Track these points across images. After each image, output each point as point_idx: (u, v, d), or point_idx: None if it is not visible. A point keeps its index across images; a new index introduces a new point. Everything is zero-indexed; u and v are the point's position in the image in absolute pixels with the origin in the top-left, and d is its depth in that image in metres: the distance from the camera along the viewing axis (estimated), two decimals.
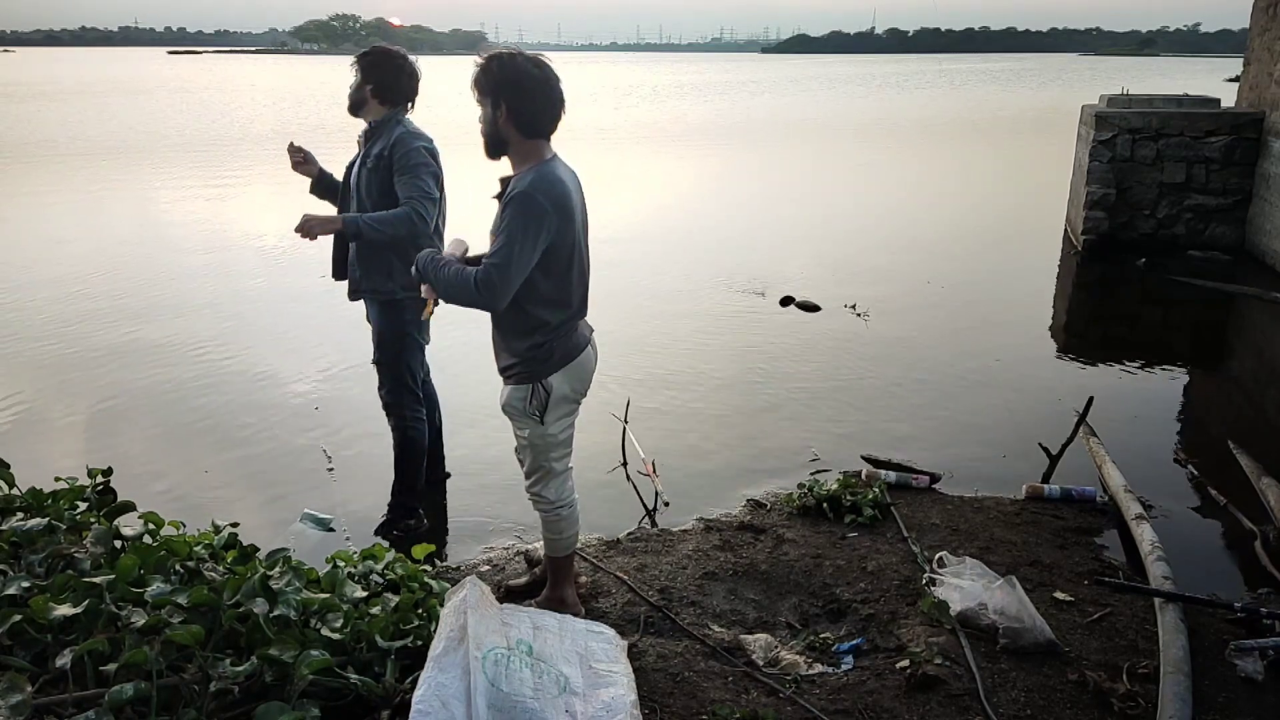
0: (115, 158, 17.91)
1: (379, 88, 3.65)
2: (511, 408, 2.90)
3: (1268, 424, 5.54)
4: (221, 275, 8.67)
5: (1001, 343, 6.98)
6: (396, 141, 3.59)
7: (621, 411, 4.93)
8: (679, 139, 23.37)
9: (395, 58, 3.67)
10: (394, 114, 3.69)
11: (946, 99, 41.36)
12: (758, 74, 75.09)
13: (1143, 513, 3.88)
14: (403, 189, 3.57)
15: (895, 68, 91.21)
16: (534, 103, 2.69)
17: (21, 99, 35.38)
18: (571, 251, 2.78)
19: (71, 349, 6.47)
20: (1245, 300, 7.95)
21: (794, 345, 6.79)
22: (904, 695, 2.75)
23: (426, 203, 3.56)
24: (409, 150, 3.58)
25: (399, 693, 2.29)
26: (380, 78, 3.64)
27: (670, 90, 48.60)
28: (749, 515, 4.08)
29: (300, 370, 6.03)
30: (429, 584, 2.89)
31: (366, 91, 3.65)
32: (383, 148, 3.61)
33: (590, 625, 2.75)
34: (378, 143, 3.64)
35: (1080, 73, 73.51)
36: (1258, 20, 10.14)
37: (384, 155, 3.60)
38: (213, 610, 2.25)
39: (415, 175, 3.56)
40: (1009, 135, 24.91)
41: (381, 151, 3.61)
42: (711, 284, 8.50)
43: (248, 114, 29.80)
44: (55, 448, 4.88)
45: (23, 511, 2.72)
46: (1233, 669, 2.91)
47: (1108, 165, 9.53)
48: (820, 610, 3.34)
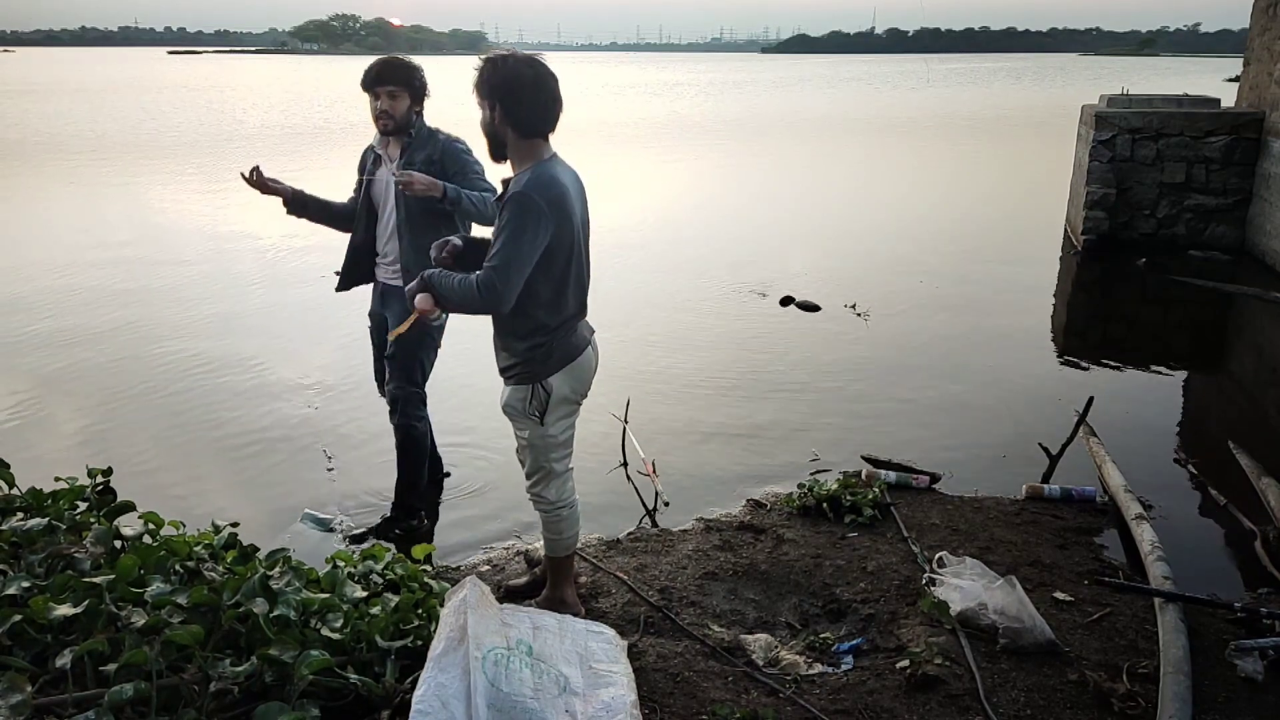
0: (116, 157, 17.90)
1: (421, 101, 3.74)
2: (511, 408, 2.90)
3: (1268, 424, 5.54)
4: (222, 276, 8.66)
5: (1002, 343, 6.98)
6: (446, 147, 3.69)
7: (621, 411, 4.93)
8: (678, 138, 23.37)
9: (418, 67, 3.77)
10: (421, 119, 3.75)
11: (946, 99, 41.34)
12: (757, 74, 75.10)
13: (1143, 513, 3.88)
14: (476, 186, 3.64)
15: (895, 68, 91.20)
16: (527, 102, 2.70)
17: (19, 97, 35.37)
18: (570, 252, 2.78)
19: (71, 348, 6.46)
20: (1245, 300, 7.95)
21: (794, 345, 6.79)
22: (904, 695, 2.75)
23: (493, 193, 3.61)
24: (460, 151, 3.71)
25: (399, 693, 2.29)
26: (424, 94, 3.74)
27: (670, 90, 48.61)
28: (749, 515, 4.08)
29: (300, 370, 6.03)
30: (429, 584, 2.89)
31: (414, 112, 3.72)
32: (430, 154, 3.66)
33: (590, 625, 2.75)
34: (421, 151, 3.68)
35: (1080, 73, 73.48)
36: (1258, 20, 10.14)
37: (435, 161, 3.65)
38: (213, 610, 2.25)
39: (482, 174, 3.68)
40: (1009, 135, 24.91)
41: (430, 157, 3.66)
42: (712, 284, 8.49)
43: (251, 114, 29.77)
44: (55, 448, 4.88)
45: (23, 511, 2.71)
46: (1233, 669, 2.91)
47: (1108, 165, 9.53)
48: (820, 610, 3.34)
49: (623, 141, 22.43)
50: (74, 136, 21.50)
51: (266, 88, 47.99)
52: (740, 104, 37.52)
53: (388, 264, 3.84)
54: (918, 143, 22.66)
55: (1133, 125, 9.47)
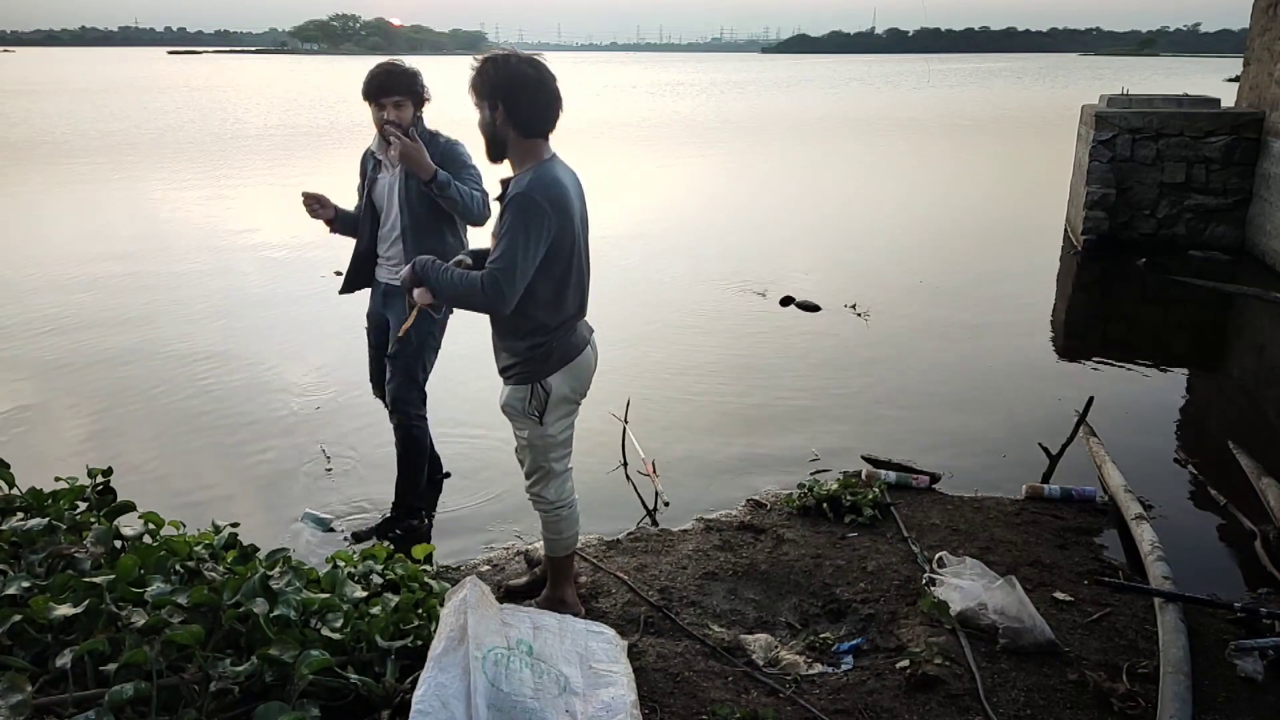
0: (118, 156, 17.90)
1: (422, 107, 3.76)
2: (511, 408, 2.90)
3: (1268, 424, 5.54)
4: (222, 276, 8.67)
5: (1002, 342, 6.98)
6: (445, 149, 3.72)
7: (621, 411, 4.93)
8: (679, 138, 23.37)
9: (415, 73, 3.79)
10: (422, 122, 3.77)
11: (946, 99, 41.33)
12: (758, 74, 75.09)
13: (1143, 513, 3.88)
14: (470, 182, 3.67)
15: (896, 68, 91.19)
16: (530, 102, 2.70)
17: (20, 97, 35.37)
18: (570, 252, 2.78)
19: (71, 348, 6.46)
20: (1245, 300, 7.95)
21: (794, 345, 6.79)
22: (904, 695, 2.75)
23: (490, 201, 3.64)
24: (464, 153, 3.75)
25: (399, 693, 2.29)
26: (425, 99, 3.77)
27: (670, 90, 48.60)
28: (749, 515, 4.08)
29: (300, 370, 6.03)
30: (429, 584, 2.89)
31: (418, 116, 3.74)
32: (430, 156, 3.66)
33: (590, 625, 2.75)
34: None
35: (1080, 73, 73.49)
36: (1258, 20, 10.14)
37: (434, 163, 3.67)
38: (213, 610, 2.25)
39: (479, 176, 3.70)
40: (1009, 135, 24.91)
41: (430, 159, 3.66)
42: (712, 283, 8.49)
43: (253, 115, 29.77)
44: (55, 448, 4.88)
45: (23, 511, 2.71)
46: (1233, 669, 2.91)
47: (1108, 165, 9.53)
48: (820, 610, 3.34)
49: (623, 141, 22.43)
50: (79, 135, 21.51)
51: (268, 88, 48.00)
52: (741, 104, 37.52)
53: (391, 265, 3.84)
54: (918, 142, 22.64)
55: (1133, 125, 9.47)
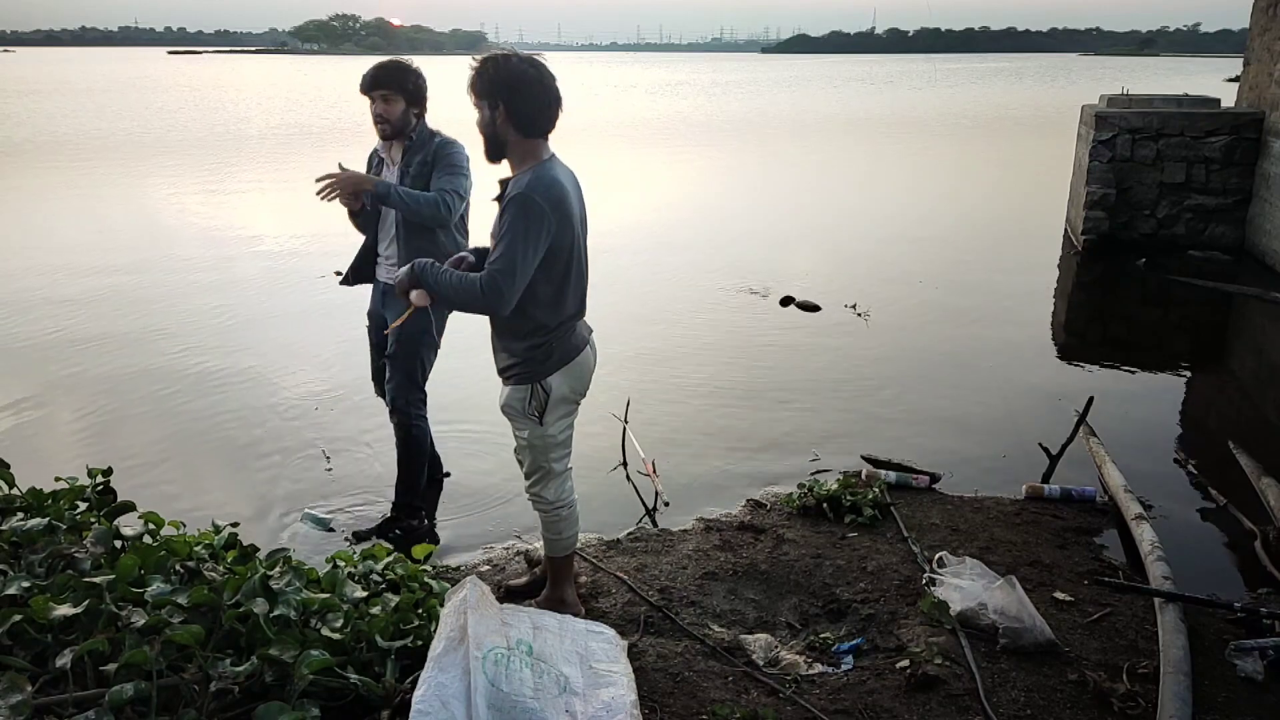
0: (118, 156, 17.91)
1: (419, 104, 3.77)
2: (510, 408, 2.90)
3: (1268, 424, 5.54)
4: (223, 276, 8.66)
5: (1002, 342, 6.98)
6: (439, 149, 3.72)
7: (621, 411, 4.93)
8: (679, 138, 23.37)
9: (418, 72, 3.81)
10: (422, 122, 3.79)
11: (947, 99, 41.33)
12: (758, 74, 75.08)
13: (1143, 513, 3.88)
14: (439, 182, 3.68)
15: (896, 68, 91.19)
16: (531, 102, 2.70)
17: (22, 97, 35.37)
18: (570, 253, 2.78)
19: (71, 348, 6.46)
20: (1245, 300, 7.95)
21: (794, 345, 6.79)
22: (904, 695, 2.75)
23: (455, 198, 3.65)
24: (453, 153, 3.74)
25: (399, 693, 2.29)
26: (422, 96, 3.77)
27: (671, 89, 48.60)
28: (749, 515, 4.08)
29: (300, 370, 6.03)
30: (429, 584, 2.89)
31: (412, 115, 3.75)
32: (425, 155, 3.71)
33: (590, 625, 2.75)
34: (418, 153, 3.73)
35: (1080, 73, 73.48)
36: (1258, 20, 10.14)
37: (427, 163, 3.71)
38: (213, 610, 2.25)
39: (455, 174, 3.70)
40: (1009, 135, 24.90)
41: (425, 159, 3.71)
42: (712, 284, 8.49)
43: (255, 114, 29.77)
44: (55, 448, 4.88)
45: (23, 511, 2.71)
46: (1233, 669, 2.91)
47: (1108, 165, 9.53)
48: (820, 610, 3.34)
49: (623, 141, 22.43)
50: (82, 135, 21.51)
51: (269, 88, 48.00)
52: (741, 104, 37.51)
53: (389, 264, 3.87)
54: (918, 142, 22.64)
55: (1133, 125, 9.47)
